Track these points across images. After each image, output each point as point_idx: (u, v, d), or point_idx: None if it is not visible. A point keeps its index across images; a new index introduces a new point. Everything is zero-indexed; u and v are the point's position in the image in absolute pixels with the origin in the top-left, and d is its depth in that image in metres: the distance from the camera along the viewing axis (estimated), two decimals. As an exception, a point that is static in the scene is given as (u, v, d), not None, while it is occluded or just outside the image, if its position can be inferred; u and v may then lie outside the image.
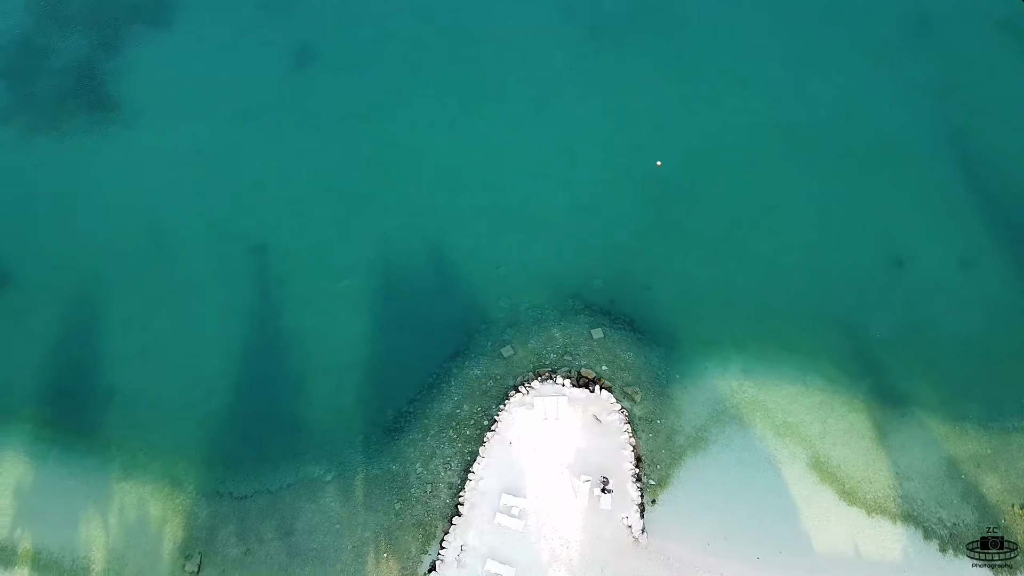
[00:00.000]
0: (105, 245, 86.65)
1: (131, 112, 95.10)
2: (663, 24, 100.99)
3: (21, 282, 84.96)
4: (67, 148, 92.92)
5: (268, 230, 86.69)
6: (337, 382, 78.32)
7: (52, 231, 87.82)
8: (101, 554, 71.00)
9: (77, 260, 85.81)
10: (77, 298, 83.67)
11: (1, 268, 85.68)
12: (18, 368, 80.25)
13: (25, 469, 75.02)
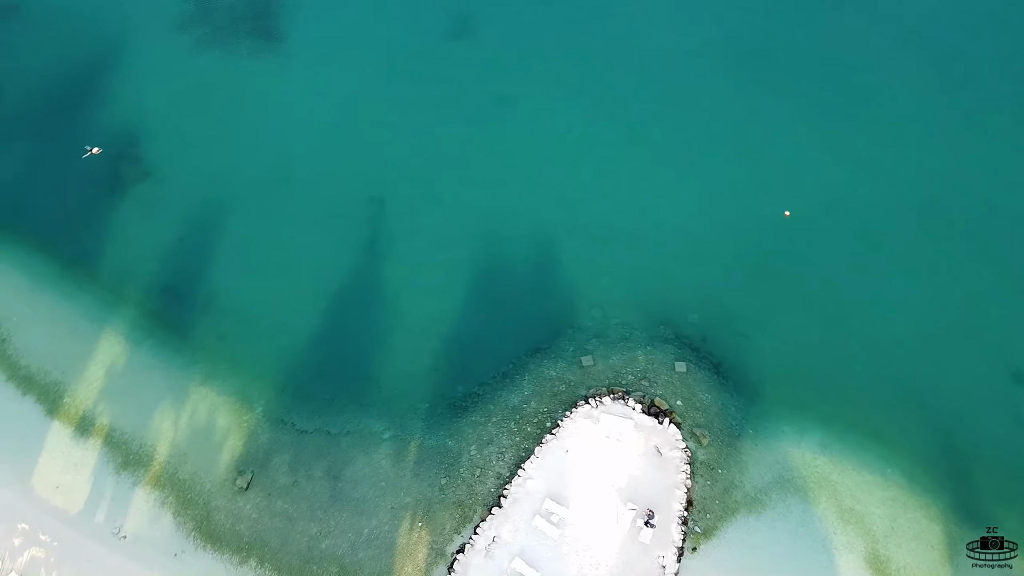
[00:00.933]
0: (240, 163, 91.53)
1: (291, 47, 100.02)
2: (814, 71, 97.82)
3: (159, 178, 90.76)
4: (228, 66, 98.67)
5: (390, 186, 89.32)
6: (418, 347, 79.88)
7: (197, 138, 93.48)
8: (165, 448, 75.16)
9: (213, 170, 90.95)
10: (204, 205, 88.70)
11: (146, 161, 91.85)
12: (137, 256, 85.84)
13: (120, 351, 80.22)
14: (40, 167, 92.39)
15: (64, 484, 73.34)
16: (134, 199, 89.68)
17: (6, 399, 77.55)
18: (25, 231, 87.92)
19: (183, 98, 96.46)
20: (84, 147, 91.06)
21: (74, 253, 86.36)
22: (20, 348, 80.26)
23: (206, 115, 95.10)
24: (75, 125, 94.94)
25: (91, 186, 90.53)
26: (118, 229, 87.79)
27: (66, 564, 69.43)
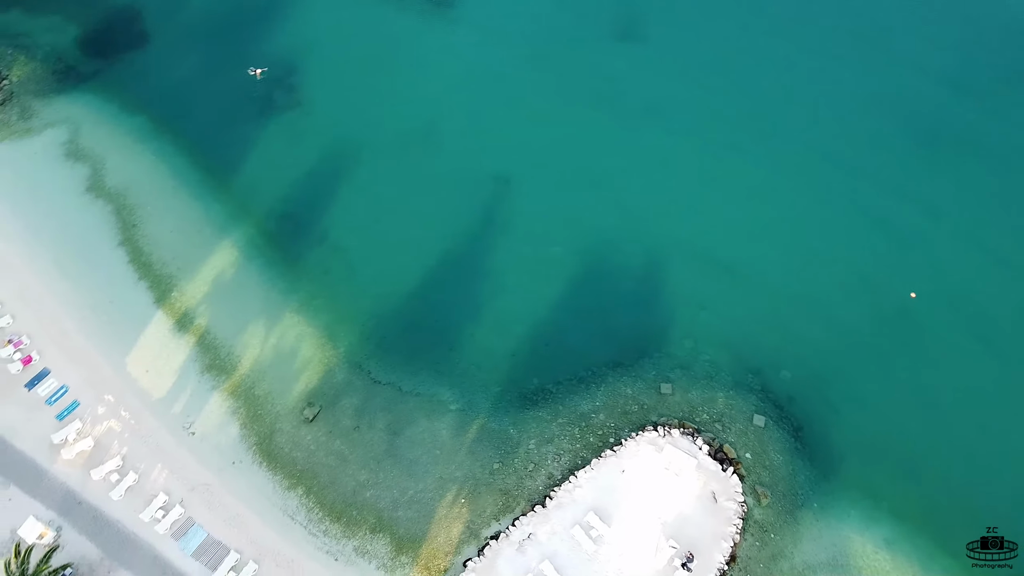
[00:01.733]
0: (385, 114, 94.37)
1: (459, 15, 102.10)
2: (988, 158, 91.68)
3: (308, 111, 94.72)
4: (397, 21, 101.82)
5: (518, 170, 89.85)
6: (505, 330, 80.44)
7: (351, 82, 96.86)
8: (248, 363, 78.78)
9: (358, 115, 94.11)
10: (341, 146, 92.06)
11: (300, 92, 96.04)
12: (270, 178, 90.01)
13: (232, 261, 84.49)
14: (208, 78, 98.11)
15: (153, 370, 78.08)
16: (280, 125, 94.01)
17: (124, 280, 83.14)
18: (181, 133, 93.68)
19: (348, 42, 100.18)
20: (249, 67, 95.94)
21: (216, 163, 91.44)
22: (147, 236, 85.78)
23: (365, 62, 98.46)
24: (247, 46, 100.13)
25: (246, 104, 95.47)
26: (260, 149, 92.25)
27: (137, 442, 73.94)
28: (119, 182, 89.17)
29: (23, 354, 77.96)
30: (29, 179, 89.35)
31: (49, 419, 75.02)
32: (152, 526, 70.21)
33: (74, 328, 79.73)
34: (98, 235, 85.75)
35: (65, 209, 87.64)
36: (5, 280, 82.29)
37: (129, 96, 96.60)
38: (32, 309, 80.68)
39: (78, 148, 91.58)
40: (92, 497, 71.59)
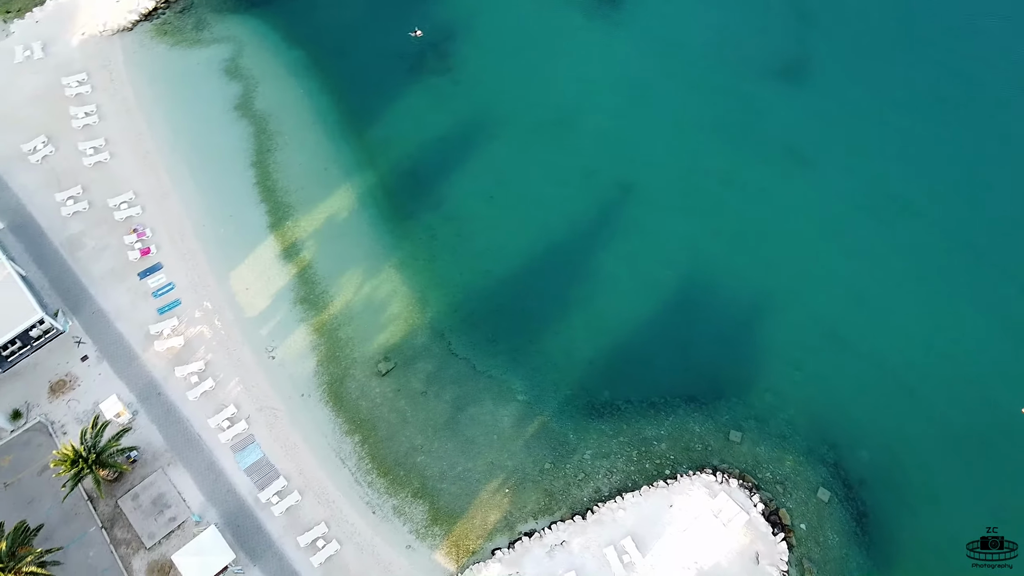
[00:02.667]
0: (527, 97, 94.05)
1: (623, 18, 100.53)
2: None
3: (455, 79, 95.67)
4: (564, 13, 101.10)
5: (644, 182, 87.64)
6: (590, 336, 79.83)
7: (504, 59, 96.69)
8: (339, 305, 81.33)
9: (503, 94, 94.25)
10: (479, 119, 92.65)
11: (452, 59, 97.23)
12: (403, 135, 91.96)
13: (347, 205, 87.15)
14: (369, 28, 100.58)
15: (252, 289, 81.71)
16: (425, 87, 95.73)
17: (247, 199, 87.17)
18: (332, 74, 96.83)
19: (509, 23, 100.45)
20: (412, 27, 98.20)
21: (357, 110, 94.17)
22: (278, 164, 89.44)
23: (520, 45, 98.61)
24: (413, 5, 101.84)
25: (398, 61, 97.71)
26: (400, 106, 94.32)
27: (221, 352, 77.73)
28: (265, 107, 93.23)
29: (144, 245, 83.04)
30: (187, 86, 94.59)
31: (151, 310, 79.78)
32: (216, 433, 73.80)
33: (191, 232, 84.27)
34: (234, 152, 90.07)
35: (212, 120, 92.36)
36: (144, 174, 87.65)
37: (294, 29, 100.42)
38: (160, 206, 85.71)
39: (237, 67, 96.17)
40: (170, 392, 75.83)
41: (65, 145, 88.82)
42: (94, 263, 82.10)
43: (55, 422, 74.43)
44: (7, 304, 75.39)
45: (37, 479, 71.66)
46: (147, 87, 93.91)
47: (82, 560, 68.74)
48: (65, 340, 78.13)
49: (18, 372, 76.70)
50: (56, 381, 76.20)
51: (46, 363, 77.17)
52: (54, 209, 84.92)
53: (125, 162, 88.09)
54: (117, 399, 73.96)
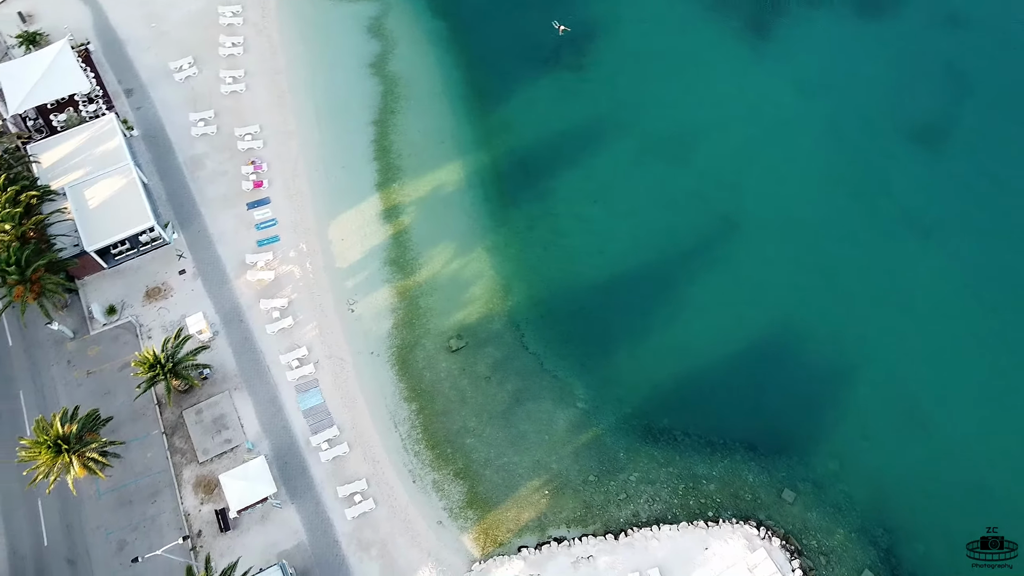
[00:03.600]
0: (655, 111, 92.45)
1: (772, 51, 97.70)
2: None
3: (587, 78, 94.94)
4: (711, 33, 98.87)
5: (755, 223, 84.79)
6: (664, 360, 78.62)
7: (641, 67, 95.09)
8: (426, 275, 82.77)
9: (631, 102, 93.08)
10: (602, 121, 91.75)
11: (587, 58, 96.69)
12: (524, 123, 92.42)
13: (454, 179, 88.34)
14: (515, 12, 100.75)
15: (347, 241, 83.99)
16: (556, 80, 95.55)
17: (362, 154, 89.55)
18: (469, 50, 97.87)
19: (655, 34, 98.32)
20: (555, 20, 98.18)
21: (485, 90, 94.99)
22: (398, 126, 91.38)
23: (660, 57, 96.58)
24: (566, 2, 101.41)
25: (536, 50, 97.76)
26: (527, 94, 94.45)
27: (306, 295, 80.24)
28: (398, 70, 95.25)
29: (258, 178, 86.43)
30: (330, 36, 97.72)
31: (251, 241, 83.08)
32: (285, 371, 76.38)
33: (304, 175, 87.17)
34: (360, 107, 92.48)
35: (346, 73, 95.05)
36: (273, 111, 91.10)
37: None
38: (281, 144, 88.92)
39: (380, 26, 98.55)
40: (252, 321, 78.87)
41: (208, 70, 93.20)
42: (210, 185, 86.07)
43: (143, 325, 78.63)
44: (125, 206, 79.81)
45: (117, 374, 75.92)
46: (293, 30, 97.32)
47: (139, 458, 72.55)
48: (168, 251, 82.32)
49: (121, 271, 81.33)
50: (152, 288, 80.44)
51: (147, 268, 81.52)
52: (185, 127, 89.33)
53: (258, 96, 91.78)
54: (203, 317, 77.43)
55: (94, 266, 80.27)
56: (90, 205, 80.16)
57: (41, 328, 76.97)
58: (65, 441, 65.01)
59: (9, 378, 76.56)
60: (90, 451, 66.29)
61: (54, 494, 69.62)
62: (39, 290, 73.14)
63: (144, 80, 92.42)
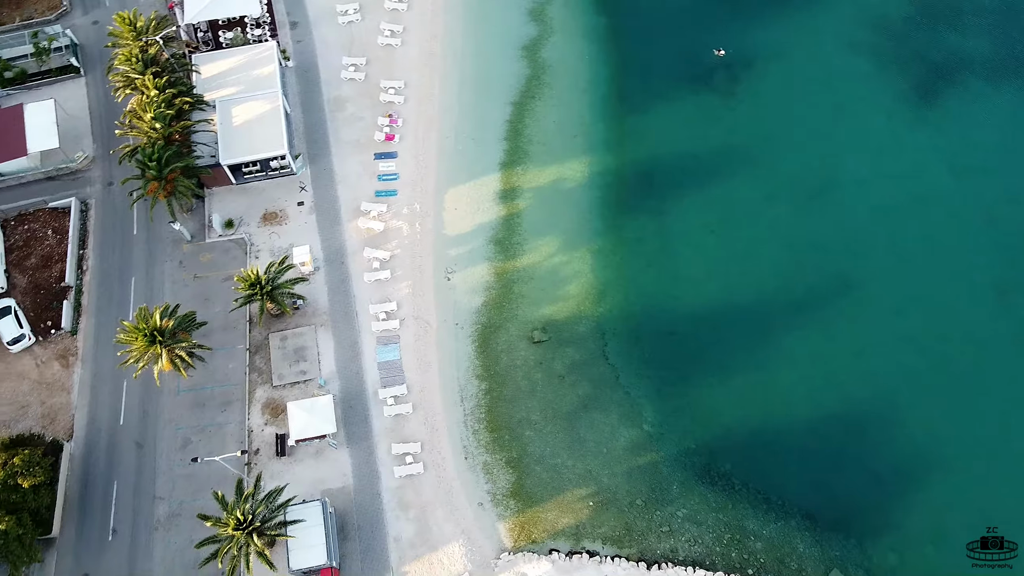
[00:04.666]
0: (799, 153, 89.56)
1: (935, 118, 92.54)
2: None
3: (733, 106, 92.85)
4: (877, 87, 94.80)
5: (879, 286, 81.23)
6: (743, 406, 76.47)
7: (791, 110, 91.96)
8: (527, 262, 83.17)
9: (775, 139, 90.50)
10: (740, 150, 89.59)
11: (740, 87, 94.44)
12: (660, 134, 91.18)
13: (577, 176, 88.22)
14: (679, 26, 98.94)
15: (460, 211, 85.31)
16: (701, 100, 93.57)
17: (493, 131, 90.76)
18: (623, 52, 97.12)
19: (814, 75, 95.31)
20: (716, 46, 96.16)
21: (629, 93, 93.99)
22: (534, 112, 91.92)
23: (815, 99, 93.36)
24: (731, 24, 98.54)
25: (689, 66, 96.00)
26: (670, 108, 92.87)
27: (407, 253, 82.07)
28: (548, 58, 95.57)
29: (391, 131, 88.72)
30: (492, 11, 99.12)
31: (370, 189, 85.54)
32: (371, 320, 78.48)
33: (434, 138, 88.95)
34: (503, 85, 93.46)
35: (498, 50, 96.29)
36: (421, 71, 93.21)
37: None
38: (420, 104, 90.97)
39: (542, 12, 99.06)
40: (352, 265, 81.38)
41: (371, 19, 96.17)
42: (345, 128, 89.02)
43: (254, 244, 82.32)
44: (265, 130, 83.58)
45: (219, 284, 79.85)
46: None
47: (220, 367, 76.23)
48: (293, 181, 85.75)
49: (246, 190, 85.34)
50: (270, 212, 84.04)
51: (270, 193, 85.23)
52: (336, 69, 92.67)
53: (409, 54, 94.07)
54: (309, 250, 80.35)
55: (224, 179, 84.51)
56: (234, 122, 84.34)
57: (164, 225, 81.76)
58: (160, 334, 68.94)
59: (127, 264, 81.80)
60: (180, 348, 70.09)
61: (139, 380, 74.08)
62: (171, 190, 77.53)
63: (310, 17, 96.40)
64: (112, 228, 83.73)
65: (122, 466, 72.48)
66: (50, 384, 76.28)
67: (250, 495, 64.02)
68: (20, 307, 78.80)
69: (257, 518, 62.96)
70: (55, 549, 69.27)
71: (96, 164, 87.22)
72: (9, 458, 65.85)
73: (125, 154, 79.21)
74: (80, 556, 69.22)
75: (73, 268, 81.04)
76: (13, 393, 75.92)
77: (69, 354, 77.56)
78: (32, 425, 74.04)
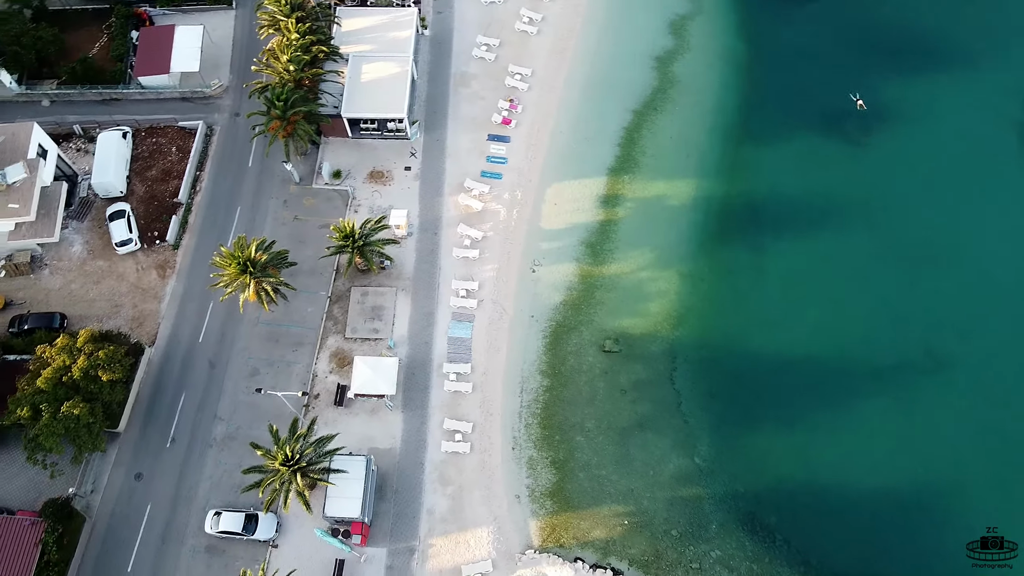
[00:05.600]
0: (922, 227, 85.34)
1: None
2: None
3: (862, 160, 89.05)
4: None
5: (974, 371, 77.42)
6: (805, 464, 74.52)
7: (925, 179, 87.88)
8: (613, 271, 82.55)
9: (901, 204, 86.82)
10: (860, 206, 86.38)
11: (874, 142, 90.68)
12: (778, 172, 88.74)
13: (683, 195, 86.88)
14: (820, 68, 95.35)
15: (558, 206, 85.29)
16: (827, 145, 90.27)
17: (609, 135, 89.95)
18: (756, 81, 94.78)
19: (953, 143, 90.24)
20: (856, 94, 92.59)
21: (753, 123, 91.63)
22: (653, 123, 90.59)
23: (951, 169, 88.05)
24: (880, 73, 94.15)
25: (823, 108, 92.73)
26: (793, 146, 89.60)
27: (499, 237, 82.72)
28: (678, 73, 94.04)
29: (509, 116, 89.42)
30: (632, 17, 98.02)
31: (477, 168, 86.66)
32: (451, 296, 79.73)
33: (549, 130, 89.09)
34: (627, 91, 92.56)
35: (630, 56, 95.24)
36: (549, 62, 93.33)
37: (753, 23, 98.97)
38: (542, 95, 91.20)
39: (682, 26, 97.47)
40: (444, 238, 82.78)
41: (513, 3, 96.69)
42: (466, 104, 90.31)
43: (356, 199, 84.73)
44: (389, 92, 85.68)
45: (316, 230, 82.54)
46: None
47: (299, 309, 79.00)
48: (404, 145, 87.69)
49: (359, 145, 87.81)
50: (377, 171, 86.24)
51: (381, 153, 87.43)
52: (469, 46, 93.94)
53: (542, 44, 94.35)
54: (406, 215, 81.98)
55: (341, 131, 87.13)
56: (362, 78, 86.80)
57: (277, 164, 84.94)
58: (252, 265, 71.86)
59: (236, 193, 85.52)
60: (267, 282, 72.90)
61: (224, 304, 77.59)
62: (290, 131, 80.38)
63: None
64: (230, 157, 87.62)
65: (192, 381, 76.12)
66: (145, 290, 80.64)
67: (302, 436, 66.21)
68: (133, 213, 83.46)
69: (304, 459, 65.05)
70: (117, 444, 73.40)
71: (228, 94, 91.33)
72: (95, 350, 69.90)
73: (256, 89, 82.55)
74: (138, 455, 73.19)
75: (187, 187, 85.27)
76: (111, 292, 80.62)
77: (167, 266, 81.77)
78: (121, 325, 78.48)
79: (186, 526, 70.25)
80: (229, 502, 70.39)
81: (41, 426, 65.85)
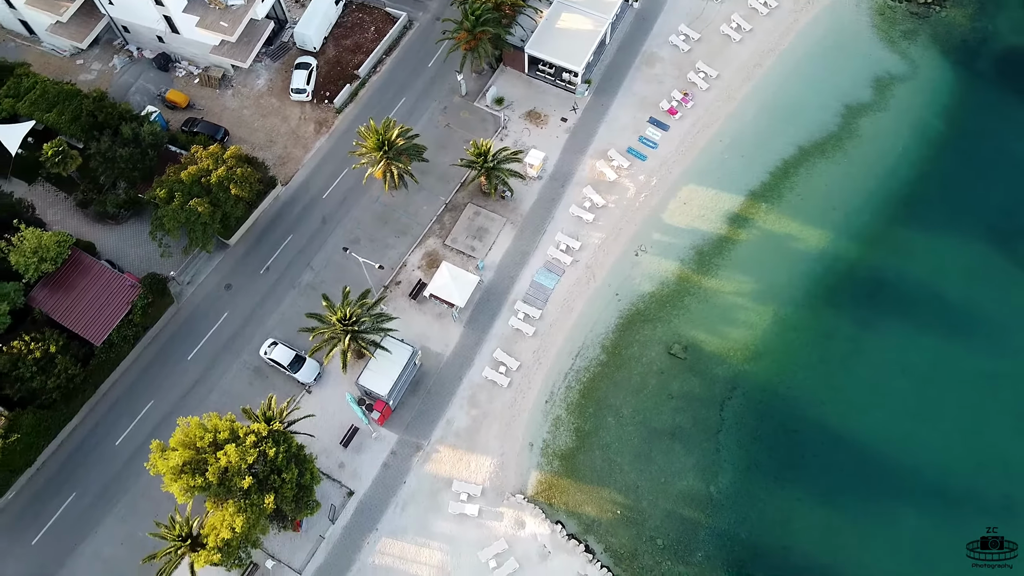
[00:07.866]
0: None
1: None
2: None
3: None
4: None
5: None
6: (826, 548, 72.26)
7: None
8: (712, 285, 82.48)
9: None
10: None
11: None
12: (916, 271, 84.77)
13: (812, 243, 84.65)
14: (1013, 183, 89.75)
15: (688, 206, 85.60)
16: (989, 257, 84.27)
17: (765, 161, 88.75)
18: (941, 167, 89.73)
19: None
20: None
21: (920, 206, 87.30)
22: (813, 166, 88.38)
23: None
24: None
25: (1000, 222, 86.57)
26: (952, 242, 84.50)
27: (619, 211, 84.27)
28: (863, 129, 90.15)
29: (677, 107, 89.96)
30: (841, 56, 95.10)
31: (625, 143, 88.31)
32: (550, 245, 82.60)
33: (709, 135, 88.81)
34: (803, 126, 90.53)
35: (820, 92, 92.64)
36: (738, 73, 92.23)
37: (969, 107, 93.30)
38: (717, 99, 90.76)
39: (887, 85, 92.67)
40: (568, 193, 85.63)
41: (728, 7, 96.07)
42: (641, 82, 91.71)
43: (507, 128, 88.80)
44: (575, 44, 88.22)
45: (460, 142, 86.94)
46: (819, 27, 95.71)
47: (416, 203, 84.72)
48: (570, 99, 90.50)
49: (530, 83, 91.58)
50: (535, 112, 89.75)
51: (546, 97, 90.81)
52: (669, 31, 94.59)
53: (739, 54, 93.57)
54: (543, 159, 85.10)
55: (519, 64, 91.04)
56: (557, 24, 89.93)
57: (451, 72, 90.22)
58: (389, 146, 77.53)
59: (407, 84, 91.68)
60: (396, 166, 78.42)
61: (355, 174, 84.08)
62: (473, 46, 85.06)
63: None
64: (415, 52, 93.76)
65: (303, 228, 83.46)
66: (299, 137, 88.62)
67: (366, 305, 71.56)
68: (317, 70, 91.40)
69: (360, 325, 70.44)
70: (223, 254, 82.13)
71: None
72: (236, 166, 78.10)
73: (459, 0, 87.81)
74: (235, 270, 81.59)
75: (370, 64, 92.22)
76: (272, 128, 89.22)
77: (325, 124, 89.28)
78: (268, 157, 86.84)
79: (247, 343, 78.00)
80: (288, 338, 77.31)
81: (169, 209, 74.79)
